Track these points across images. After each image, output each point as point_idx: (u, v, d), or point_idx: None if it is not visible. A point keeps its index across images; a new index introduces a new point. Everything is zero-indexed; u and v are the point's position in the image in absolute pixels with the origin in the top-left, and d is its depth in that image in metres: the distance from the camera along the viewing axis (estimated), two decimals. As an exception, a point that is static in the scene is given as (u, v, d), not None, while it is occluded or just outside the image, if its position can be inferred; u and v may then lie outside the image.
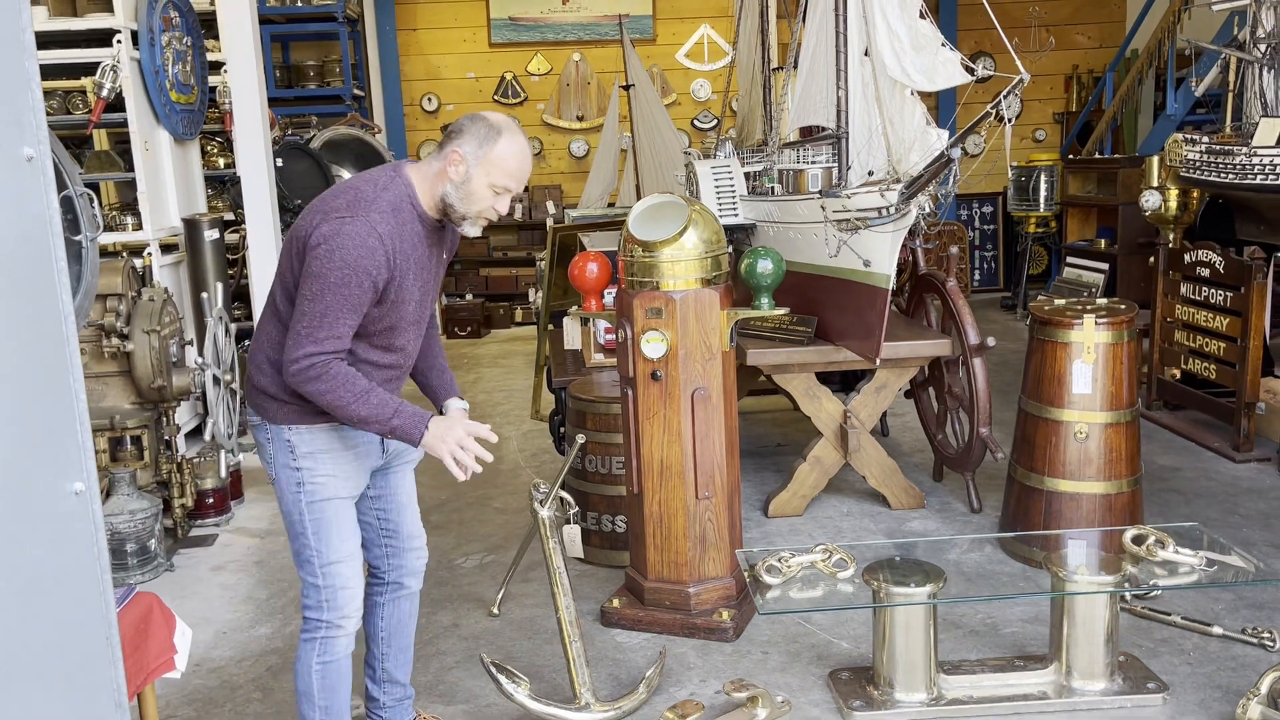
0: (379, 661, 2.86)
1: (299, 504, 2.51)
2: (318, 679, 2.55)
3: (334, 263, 2.28)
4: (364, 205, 2.35)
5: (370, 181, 2.44)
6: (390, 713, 2.92)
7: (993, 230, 10.55)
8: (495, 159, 2.40)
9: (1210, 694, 3.05)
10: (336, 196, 2.41)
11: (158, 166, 5.96)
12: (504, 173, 2.42)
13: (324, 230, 2.31)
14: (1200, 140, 5.86)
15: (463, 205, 2.44)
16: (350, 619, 2.56)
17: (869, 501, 4.74)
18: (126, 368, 4.43)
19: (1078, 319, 3.85)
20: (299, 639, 2.59)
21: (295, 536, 2.54)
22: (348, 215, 2.32)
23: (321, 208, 2.41)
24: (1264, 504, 4.53)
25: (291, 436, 2.50)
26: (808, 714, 3.06)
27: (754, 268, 3.48)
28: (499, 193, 2.44)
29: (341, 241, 2.29)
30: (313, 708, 2.56)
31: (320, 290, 2.30)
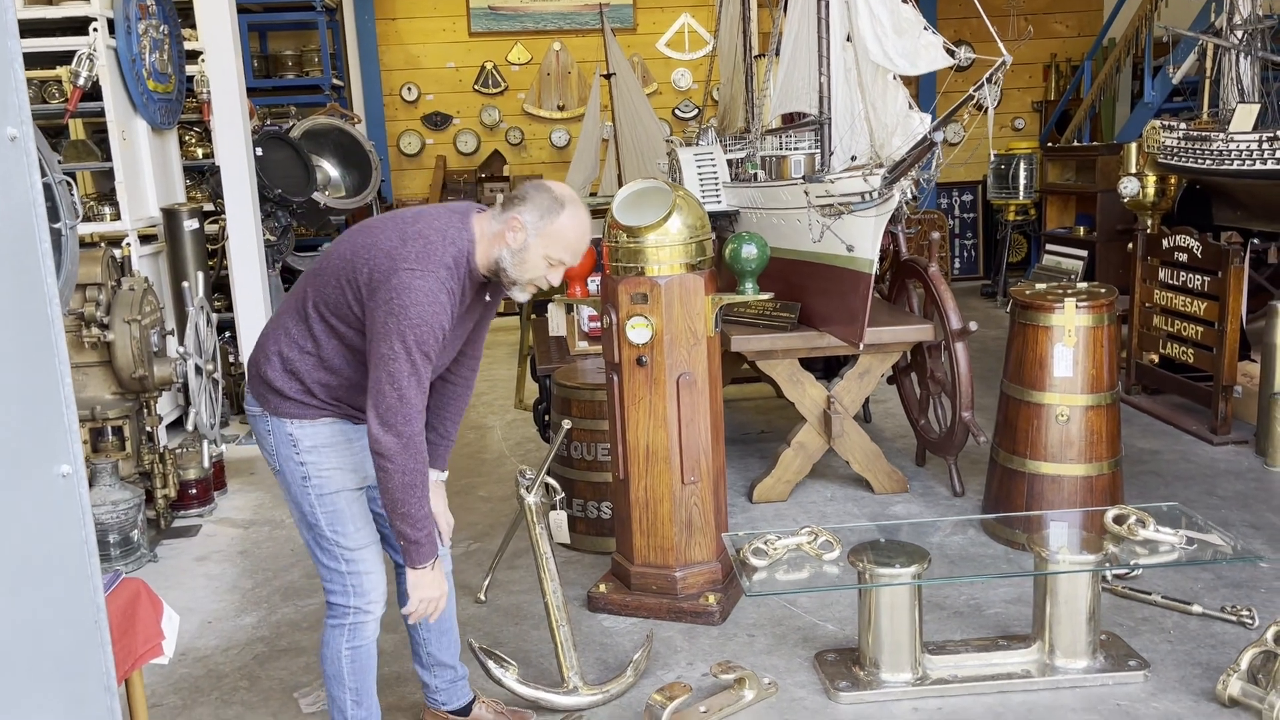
0: (421, 647, 2.86)
1: (308, 497, 2.50)
2: (347, 663, 2.56)
3: (410, 319, 2.29)
4: (432, 259, 2.34)
5: (439, 231, 2.40)
6: (444, 695, 2.92)
7: (972, 219, 10.61)
8: (555, 232, 2.42)
9: (1191, 671, 3.09)
10: (405, 242, 2.36)
11: (135, 156, 5.91)
12: (562, 246, 2.44)
13: (395, 283, 2.30)
14: (1178, 127, 5.91)
15: (515, 271, 2.45)
16: (377, 604, 2.56)
17: (852, 486, 4.77)
18: (107, 358, 4.40)
19: (1059, 303, 3.88)
20: (325, 625, 2.59)
21: (309, 527, 2.53)
22: (418, 269, 2.32)
23: (389, 249, 2.36)
24: (1241, 485, 4.59)
25: (294, 430, 2.49)
26: (794, 695, 3.08)
27: (738, 253, 3.49)
28: (553, 265, 2.47)
29: (416, 298, 2.29)
30: (343, 690, 2.57)
31: (401, 350, 2.30)
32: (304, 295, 2.50)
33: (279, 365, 2.49)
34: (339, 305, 2.42)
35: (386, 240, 2.40)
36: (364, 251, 2.40)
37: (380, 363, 2.31)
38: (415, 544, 2.43)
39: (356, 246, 2.43)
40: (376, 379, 2.32)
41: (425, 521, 2.42)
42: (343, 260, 2.43)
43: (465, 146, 10.38)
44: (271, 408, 2.50)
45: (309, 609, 3.84)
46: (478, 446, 5.79)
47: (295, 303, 2.52)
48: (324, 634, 2.58)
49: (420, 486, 2.36)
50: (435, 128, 10.35)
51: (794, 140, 4.36)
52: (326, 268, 2.47)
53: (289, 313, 2.52)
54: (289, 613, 3.82)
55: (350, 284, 2.39)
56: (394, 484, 2.35)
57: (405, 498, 2.36)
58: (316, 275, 2.49)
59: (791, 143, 4.38)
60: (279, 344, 2.51)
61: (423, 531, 2.42)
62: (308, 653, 3.50)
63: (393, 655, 3.41)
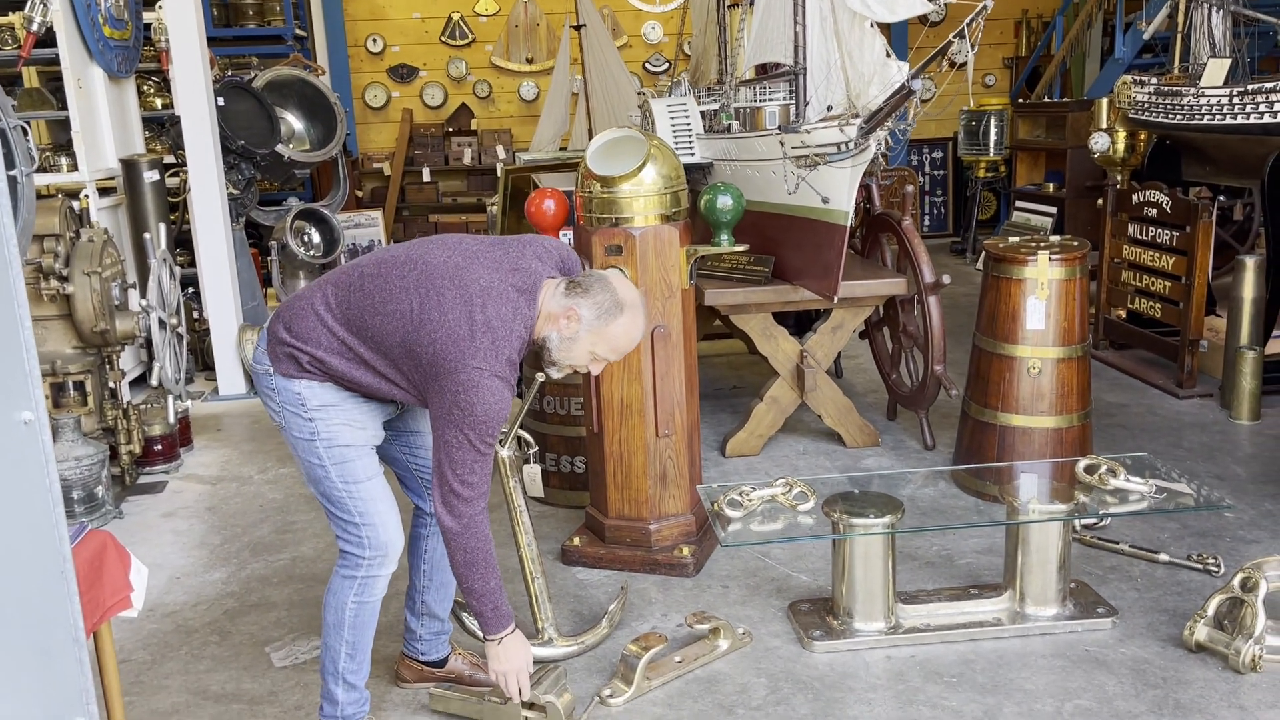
0: (419, 594, 2.85)
1: (316, 451, 2.46)
2: (351, 615, 2.54)
3: (476, 417, 2.29)
4: (499, 357, 2.30)
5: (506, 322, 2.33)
6: (426, 645, 2.91)
7: (943, 175, 10.61)
8: (608, 334, 2.43)
9: (1157, 617, 3.14)
10: (475, 335, 2.29)
11: (92, 105, 5.75)
12: (609, 347, 2.46)
13: (463, 379, 2.27)
14: (1149, 82, 5.92)
15: (558, 354, 2.45)
16: (391, 560, 2.54)
17: (825, 440, 4.79)
18: (67, 311, 4.30)
19: (1032, 255, 3.88)
20: (335, 572, 2.56)
21: (318, 480, 2.49)
22: (485, 369, 2.28)
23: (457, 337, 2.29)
24: (1206, 437, 4.65)
25: (302, 389, 2.43)
26: (769, 645, 3.10)
27: (714, 204, 3.45)
28: (596, 360, 2.48)
29: (483, 396, 2.29)
30: (340, 640, 2.55)
31: (464, 440, 2.31)
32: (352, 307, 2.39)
33: (306, 345, 2.41)
34: (391, 351, 2.37)
35: (455, 324, 2.30)
36: (429, 326, 2.31)
37: (443, 447, 2.33)
38: (480, 616, 2.48)
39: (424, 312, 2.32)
40: (438, 461, 2.34)
41: (490, 596, 2.45)
42: (405, 319, 2.33)
43: (432, 100, 10.21)
44: (285, 371, 2.44)
45: (279, 564, 3.80)
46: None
47: (343, 300, 2.41)
48: (332, 581, 2.55)
49: (481, 565, 2.40)
50: (401, 80, 10.17)
51: (769, 91, 4.31)
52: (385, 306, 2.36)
53: (328, 310, 2.41)
54: (259, 568, 3.79)
55: (407, 350, 2.34)
56: (456, 560, 2.41)
57: (468, 574, 2.42)
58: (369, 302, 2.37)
59: (766, 93, 4.33)
60: (315, 330, 2.41)
61: (487, 605, 2.46)
62: (279, 607, 3.47)
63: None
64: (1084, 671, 2.88)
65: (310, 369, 2.42)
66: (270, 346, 2.46)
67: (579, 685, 2.90)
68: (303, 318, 2.43)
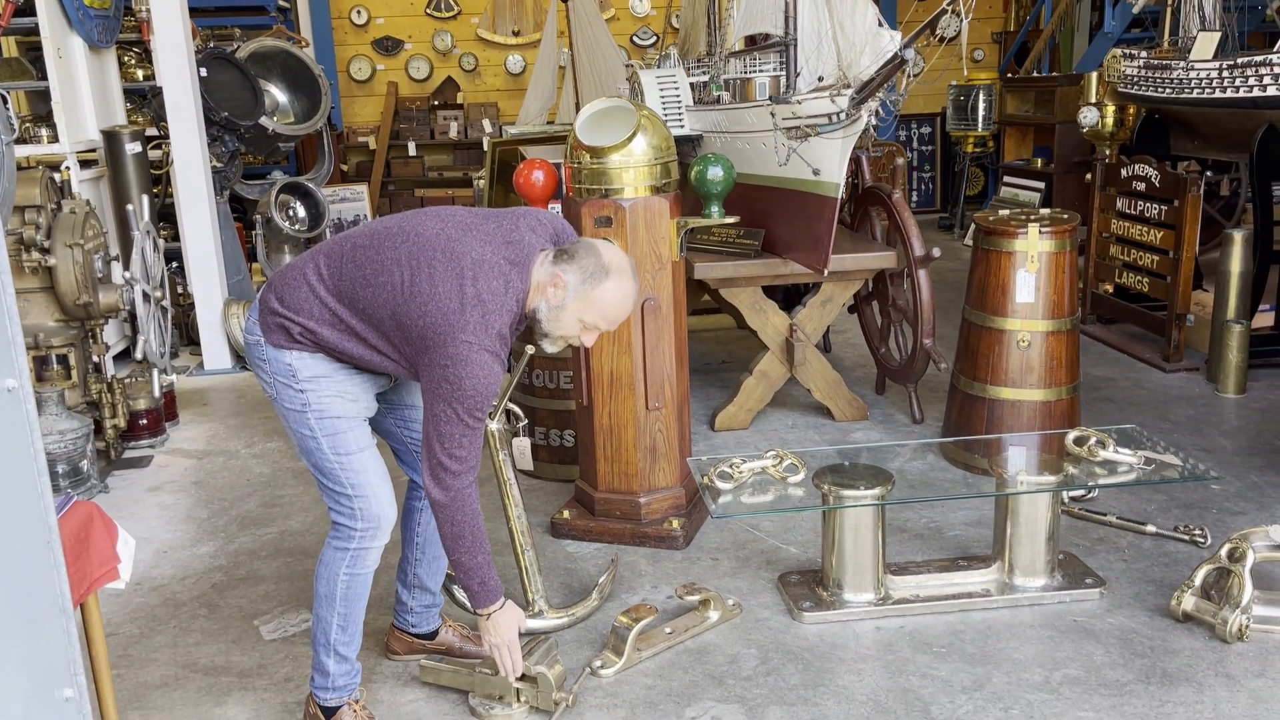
0: (411, 567, 2.84)
1: (307, 422, 2.44)
2: (343, 587, 2.53)
3: (465, 391, 2.27)
4: (490, 331, 2.27)
5: (497, 295, 2.29)
6: (416, 618, 2.90)
7: (931, 151, 10.59)
8: (594, 299, 2.37)
9: (1145, 588, 3.16)
10: (465, 309, 2.25)
11: (72, 75, 5.66)
12: (598, 314, 2.39)
13: (452, 353, 2.25)
14: (1138, 55, 5.90)
15: (548, 325, 2.40)
16: (383, 532, 2.52)
17: (814, 414, 4.79)
18: (49, 283, 4.25)
19: (1022, 228, 3.87)
20: (327, 544, 2.54)
21: (310, 452, 2.47)
22: (475, 342, 2.25)
23: (447, 311, 2.25)
24: (1193, 410, 4.68)
25: (293, 360, 2.41)
26: (758, 616, 3.10)
27: (704, 175, 3.42)
28: (587, 329, 2.42)
29: (472, 371, 2.26)
30: (331, 612, 2.54)
31: (453, 414, 2.29)
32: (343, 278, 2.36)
33: (298, 316, 2.39)
34: (382, 322, 2.34)
35: (446, 296, 2.27)
36: (420, 298, 2.28)
37: (432, 421, 2.31)
38: (469, 590, 2.48)
39: (415, 284, 2.29)
40: (428, 434, 2.33)
41: (478, 570, 2.44)
42: (395, 290, 2.30)
43: (417, 73, 10.11)
44: (275, 341, 2.41)
45: (267, 538, 3.78)
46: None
47: (334, 271, 2.38)
48: (324, 553, 2.54)
49: (468, 538, 2.39)
50: (386, 53, 10.07)
51: (759, 62, 4.28)
52: (376, 277, 2.33)
53: (319, 280, 2.38)
54: (246, 542, 3.77)
55: (397, 322, 2.31)
56: (444, 533, 2.40)
57: (455, 547, 2.41)
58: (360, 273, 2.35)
59: (756, 64, 4.30)
60: (304, 297, 2.39)
61: (474, 580, 2.45)
62: (267, 581, 3.46)
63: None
64: (1072, 641, 2.90)
65: (301, 340, 2.39)
66: (262, 317, 2.43)
67: (570, 657, 2.90)
68: (294, 288, 2.40)
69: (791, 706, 2.66)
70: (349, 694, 2.58)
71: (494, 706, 2.66)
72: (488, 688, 2.68)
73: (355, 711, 2.57)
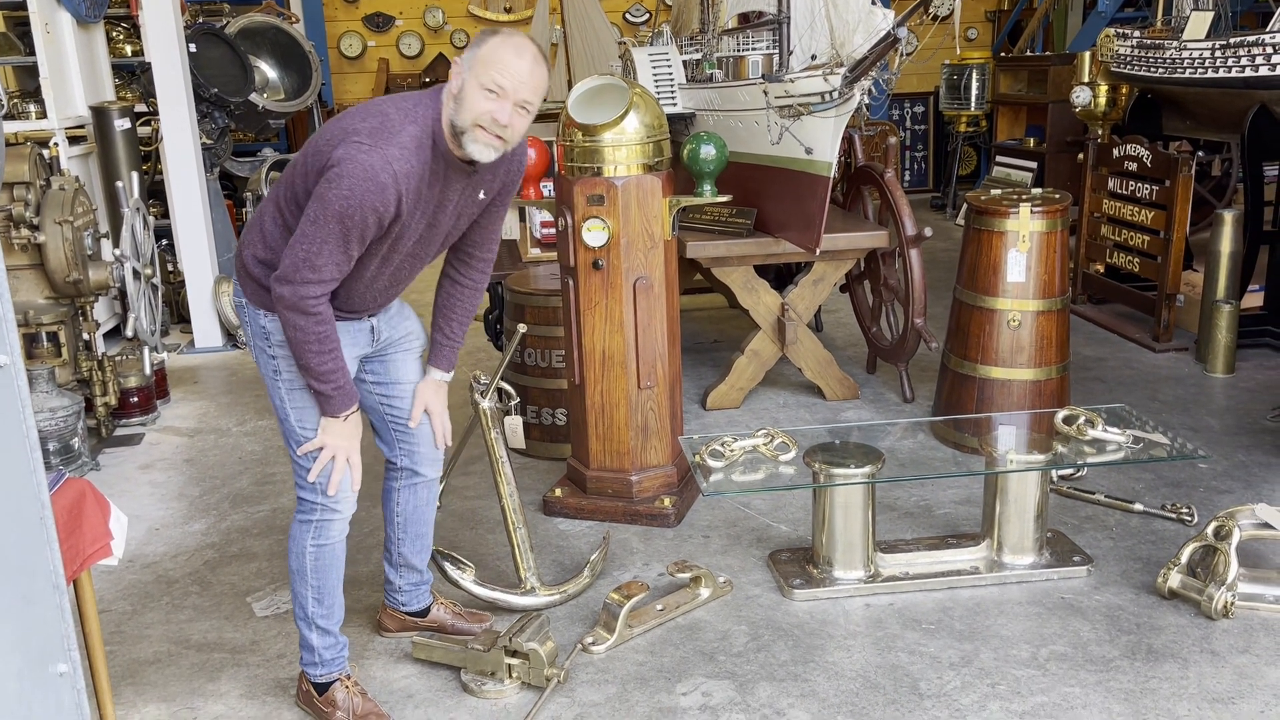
0: (394, 546, 2.84)
1: (278, 390, 2.45)
2: (311, 560, 2.52)
3: (340, 191, 2.17)
4: (386, 135, 2.22)
5: (401, 109, 2.29)
6: (406, 596, 2.91)
7: (923, 130, 10.57)
8: (484, 56, 2.24)
9: (1132, 565, 3.19)
10: (364, 118, 2.26)
11: (60, 50, 5.62)
12: (494, 68, 2.22)
13: (339, 154, 2.19)
14: (1132, 35, 5.89)
15: (459, 117, 2.26)
16: (345, 502, 2.51)
17: (805, 394, 4.80)
18: (39, 260, 4.23)
19: (1014, 208, 3.88)
20: (293, 518, 2.54)
21: (281, 420, 2.49)
22: (367, 144, 2.20)
23: (345, 125, 2.27)
24: (1181, 390, 4.70)
25: (267, 323, 2.42)
26: (749, 593, 3.12)
27: (697, 153, 3.42)
28: (489, 93, 2.23)
29: (352, 170, 2.17)
30: (305, 585, 2.54)
31: (322, 216, 2.19)
32: (283, 183, 2.40)
33: (260, 253, 2.41)
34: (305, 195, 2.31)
35: (347, 119, 2.31)
36: (325, 132, 2.31)
37: (303, 222, 2.23)
38: (323, 395, 2.39)
39: (326, 133, 2.32)
40: (293, 237, 2.25)
41: (331, 376, 2.36)
42: (315, 149, 2.32)
43: (409, 49, 10.05)
44: (249, 296, 2.44)
45: (259, 515, 3.79)
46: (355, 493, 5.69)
47: (279, 190, 2.41)
48: (291, 528, 2.54)
49: (314, 344, 2.30)
50: (377, 29, 9.99)
51: (752, 40, 4.26)
52: (302, 156, 2.36)
53: (271, 201, 2.43)
54: (239, 519, 3.77)
55: (313, 168, 2.29)
56: (288, 336, 2.32)
57: (301, 351, 2.32)
58: (293, 165, 2.40)
59: (749, 42, 4.28)
60: (262, 230, 2.42)
61: (328, 385, 2.37)
62: (259, 558, 3.47)
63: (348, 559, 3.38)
64: (1059, 618, 2.93)
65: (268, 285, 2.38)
66: (239, 275, 2.45)
67: (561, 634, 2.92)
68: (254, 226, 2.44)
69: (781, 682, 2.68)
70: (339, 668, 2.59)
71: (486, 682, 2.68)
72: (480, 664, 2.70)
73: (347, 687, 2.58)
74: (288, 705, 2.68)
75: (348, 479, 2.50)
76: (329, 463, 2.45)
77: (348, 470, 2.49)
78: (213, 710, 2.68)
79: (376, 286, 2.47)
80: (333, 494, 2.48)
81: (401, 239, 2.39)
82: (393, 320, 2.65)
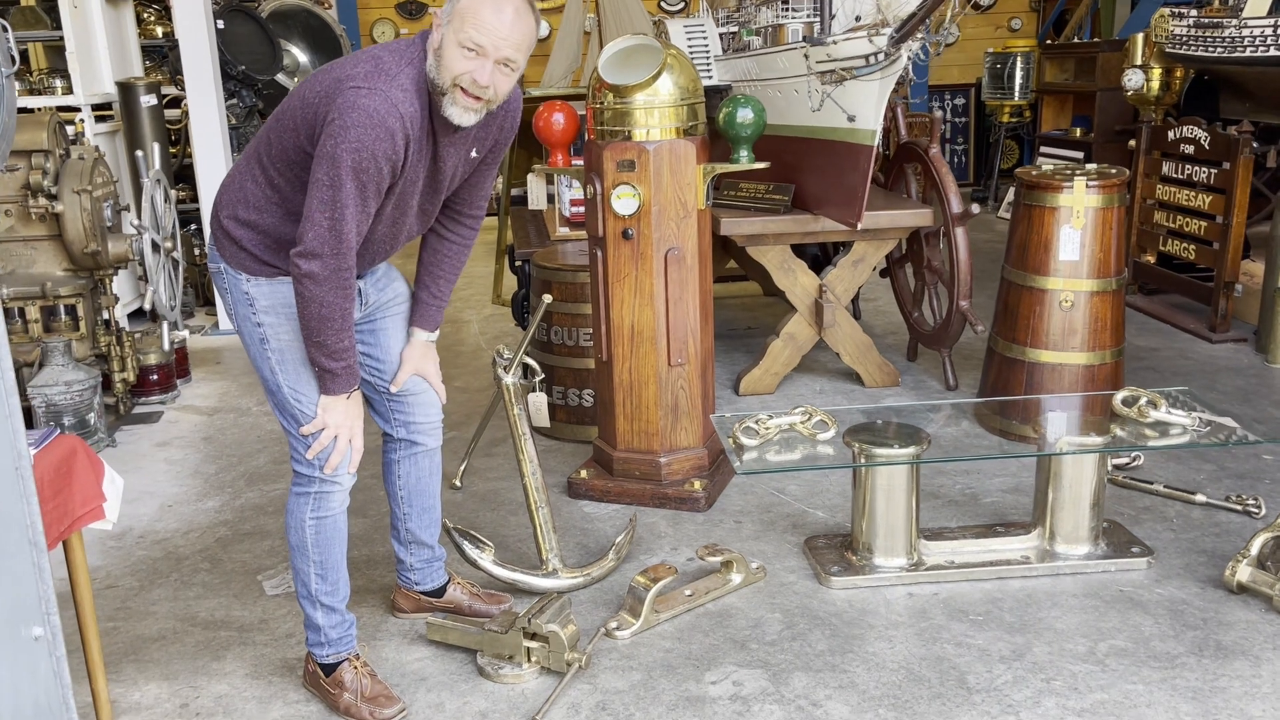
0: (401, 522, 2.69)
1: (267, 360, 2.30)
2: (311, 534, 2.38)
3: (349, 143, 2.02)
4: (385, 78, 2.07)
5: (394, 51, 2.15)
6: (419, 574, 2.76)
7: (964, 123, 10.32)
8: (461, 11, 2.08)
9: (1195, 558, 2.98)
10: (355, 64, 2.12)
11: (87, 26, 5.54)
12: (471, 24, 2.06)
13: (340, 103, 2.03)
14: (1188, 14, 5.65)
15: (438, 75, 2.11)
16: (343, 473, 2.36)
17: (842, 380, 4.61)
18: (57, 231, 4.13)
19: (1068, 182, 3.67)
20: (290, 493, 2.40)
21: (271, 392, 2.34)
22: (365, 87, 2.04)
23: (335, 73, 2.12)
24: (1242, 381, 4.46)
25: (250, 289, 2.28)
26: (784, 580, 2.95)
27: (733, 116, 3.25)
28: (468, 52, 2.07)
29: (358, 119, 2.01)
30: (307, 561, 2.39)
31: (336, 176, 2.04)
32: (266, 139, 2.26)
33: (241, 214, 2.27)
34: (296, 150, 2.18)
35: (335, 68, 2.17)
36: (312, 84, 2.18)
37: (315, 188, 2.07)
38: (331, 374, 2.24)
39: (315, 84, 2.18)
40: (309, 205, 2.09)
41: (344, 353, 2.22)
42: (302, 101, 2.18)
43: (441, 38, 9.94)
44: (228, 257, 2.29)
45: (275, 494, 3.66)
46: (454, 340, 5.58)
47: (258, 147, 2.28)
48: (288, 502, 2.39)
49: (338, 320, 2.17)
50: (410, 16, 9.91)
51: (791, 8, 4.08)
52: (287, 109, 2.23)
53: (253, 156, 2.29)
54: (254, 497, 3.65)
55: (306, 127, 2.14)
56: (310, 313, 2.15)
57: (321, 328, 2.17)
58: (278, 119, 2.25)
59: (788, 10, 4.10)
60: (243, 190, 2.28)
61: (340, 363, 2.23)
62: (273, 536, 3.33)
63: (362, 538, 3.25)
64: (1118, 611, 2.73)
65: (253, 250, 2.25)
66: (215, 238, 2.32)
67: (584, 618, 2.75)
68: (233, 184, 2.30)
69: (819, 673, 2.50)
70: (347, 648, 2.45)
71: (503, 666, 2.53)
72: (497, 646, 2.55)
73: (356, 668, 2.44)
74: (294, 685, 2.54)
75: (347, 459, 2.35)
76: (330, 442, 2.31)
77: (348, 451, 2.34)
78: (215, 689, 2.54)
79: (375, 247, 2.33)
80: (328, 474, 2.33)
81: (406, 194, 2.24)
82: (380, 283, 2.50)
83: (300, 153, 2.18)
